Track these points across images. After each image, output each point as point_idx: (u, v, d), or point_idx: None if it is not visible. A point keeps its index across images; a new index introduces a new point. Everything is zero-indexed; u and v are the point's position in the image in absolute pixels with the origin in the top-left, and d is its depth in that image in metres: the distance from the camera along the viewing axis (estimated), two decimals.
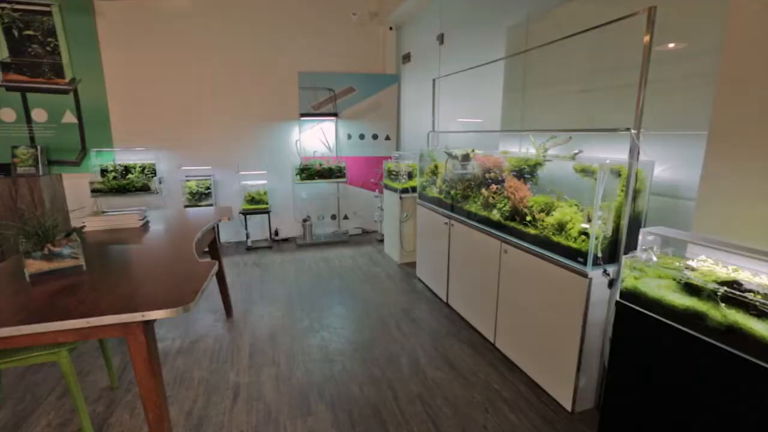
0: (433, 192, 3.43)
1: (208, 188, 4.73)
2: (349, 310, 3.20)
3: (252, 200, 4.87)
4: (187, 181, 4.69)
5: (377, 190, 5.30)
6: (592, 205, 1.81)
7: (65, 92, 4.34)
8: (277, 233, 5.24)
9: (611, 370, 1.73)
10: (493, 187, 2.57)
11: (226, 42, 4.70)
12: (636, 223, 1.88)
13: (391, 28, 5.11)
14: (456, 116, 3.84)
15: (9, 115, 4.24)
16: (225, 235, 5.09)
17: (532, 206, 2.23)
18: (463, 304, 3.02)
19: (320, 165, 4.95)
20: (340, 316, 3.10)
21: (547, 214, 2.14)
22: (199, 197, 4.71)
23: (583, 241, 1.88)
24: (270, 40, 4.82)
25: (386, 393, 2.20)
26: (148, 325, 1.48)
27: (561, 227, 2.03)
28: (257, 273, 4.06)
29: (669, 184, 1.92)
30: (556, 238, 2.04)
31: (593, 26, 1.97)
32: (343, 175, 5.02)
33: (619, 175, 1.82)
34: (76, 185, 4.52)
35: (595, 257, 1.83)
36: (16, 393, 2.20)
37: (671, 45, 1.87)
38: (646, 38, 1.67)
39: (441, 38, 3.98)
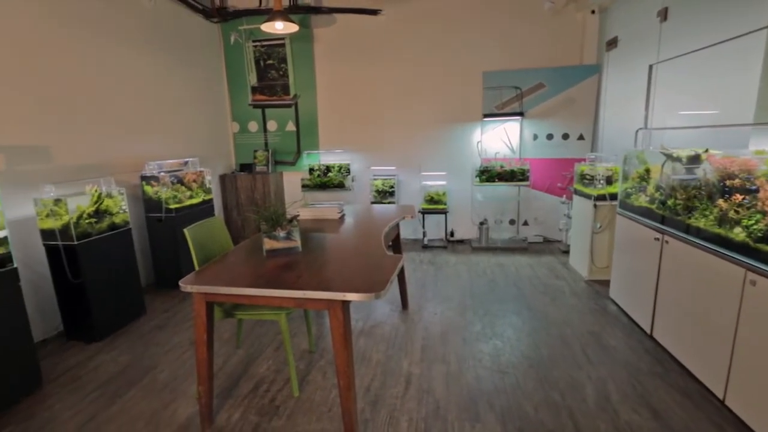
0: (641, 200, 2.87)
1: (392, 187, 5.14)
2: (525, 322, 2.98)
3: (431, 200, 5.06)
4: (375, 180, 5.20)
5: (564, 196, 4.79)
6: None
7: (289, 106, 5.39)
8: (452, 234, 5.31)
9: None
10: (737, 197, 1.98)
11: (412, 50, 4.99)
12: None
13: (593, 12, 4.53)
14: (676, 109, 3.12)
15: (253, 126, 5.54)
16: (403, 232, 5.44)
17: None
18: (674, 340, 2.44)
19: (501, 167, 4.78)
20: (514, 326, 2.92)
21: None
22: (383, 195, 5.16)
23: None
24: (454, 44, 4.89)
25: (566, 422, 1.96)
26: (346, 304, 1.67)
27: None
28: (432, 271, 4.19)
29: None
30: None
31: None
32: (525, 178, 4.72)
33: None
34: (291, 181, 5.58)
35: None
36: (249, 339, 2.83)
37: None
38: None
39: (664, 14, 3.29)
